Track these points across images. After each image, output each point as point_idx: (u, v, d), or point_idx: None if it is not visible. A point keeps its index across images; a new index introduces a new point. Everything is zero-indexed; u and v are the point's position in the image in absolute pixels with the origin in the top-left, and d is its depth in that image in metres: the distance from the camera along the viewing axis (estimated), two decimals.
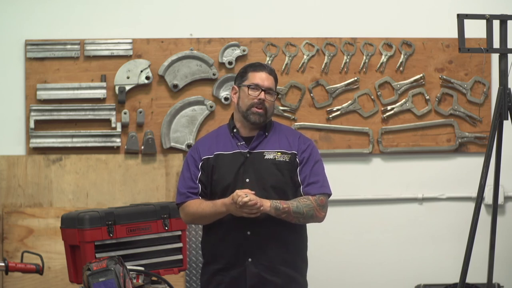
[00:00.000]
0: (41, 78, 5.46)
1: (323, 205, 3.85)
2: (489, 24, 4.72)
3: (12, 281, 5.23)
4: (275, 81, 3.91)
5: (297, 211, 3.76)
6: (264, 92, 3.84)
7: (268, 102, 3.85)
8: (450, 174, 5.67)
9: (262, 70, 3.88)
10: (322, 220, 3.87)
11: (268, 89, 3.86)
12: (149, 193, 5.43)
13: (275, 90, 3.91)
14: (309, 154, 3.88)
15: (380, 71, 5.61)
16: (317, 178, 3.85)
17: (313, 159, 3.88)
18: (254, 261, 3.82)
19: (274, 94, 3.89)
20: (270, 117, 3.91)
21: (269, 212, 3.73)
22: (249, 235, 3.81)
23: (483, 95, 5.64)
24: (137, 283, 3.86)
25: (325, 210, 3.86)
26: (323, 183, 3.87)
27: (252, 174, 3.83)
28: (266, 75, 3.87)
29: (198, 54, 5.52)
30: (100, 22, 5.52)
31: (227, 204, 3.75)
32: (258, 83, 3.85)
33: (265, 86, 3.85)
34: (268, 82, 3.86)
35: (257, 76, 3.87)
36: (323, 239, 5.48)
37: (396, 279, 5.63)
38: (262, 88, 3.85)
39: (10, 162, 5.41)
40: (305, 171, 3.85)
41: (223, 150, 3.89)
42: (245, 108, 3.86)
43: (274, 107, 3.95)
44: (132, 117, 5.49)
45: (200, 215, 3.84)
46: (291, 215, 3.76)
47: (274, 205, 3.73)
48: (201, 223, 3.95)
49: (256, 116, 3.85)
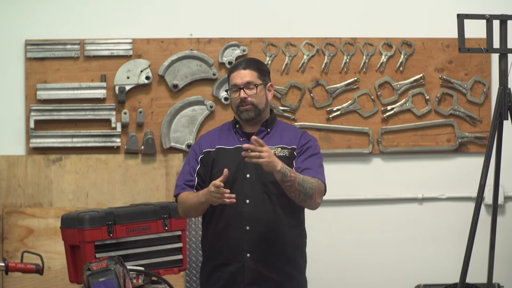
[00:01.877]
0: (41, 78, 5.46)
1: (322, 192, 3.83)
2: (489, 24, 4.72)
3: (12, 281, 5.23)
4: (256, 71, 3.88)
5: (301, 185, 3.72)
6: (243, 89, 3.84)
7: (251, 96, 3.84)
8: (450, 174, 5.67)
9: (237, 69, 3.89)
10: (316, 207, 3.84)
11: (247, 84, 3.84)
12: (149, 193, 5.43)
13: (260, 79, 3.87)
14: (307, 147, 3.88)
15: (380, 71, 5.61)
16: (311, 165, 3.84)
17: (310, 151, 3.88)
18: (252, 256, 3.82)
19: (256, 86, 3.86)
20: (264, 108, 3.89)
21: (277, 172, 3.66)
22: (248, 230, 3.81)
23: (483, 95, 5.64)
24: (137, 283, 3.86)
25: (321, 198, 3.84)
26: (317, 170, 3.84)
27: (252, 169, 3.83)
28: (242, 71, 3.87)
29: (198, 54, 5.52)
30: (100, 22, 5.52)
31: (205, 193, 3.74)
32: (235, 83, 3.86)
33: (242, 83, 3.85)
34: (244, 78, 3.85)
35: (234, 76, 3.88)
36: (323, 239, 5.49)
37: (396, 279, 5.63)
38: (240, 87, 3.85)
39: (10, 162, 5.41)
40: (300, 160, 3.85)
41: (225, 144, 3.91)
42: (235, 110, 3.90)
43: (267, 97, 3.92)
44: (132, 117, 5.49)
45: (187, 206, 3.86)
46: (294, 187, 3.71)
47: (283, 170, 3.67)
48: (192, 215, 3.93)
49: (245, 113, 3.85)
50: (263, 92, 3.89)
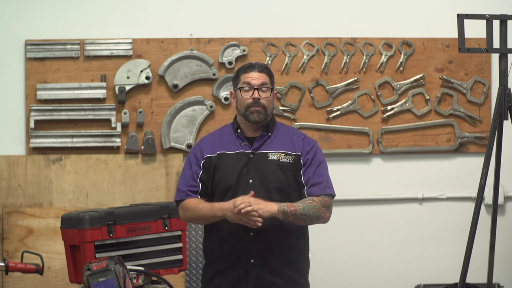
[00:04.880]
0: (41, 78, 5.46)
1: (328, 206, 3.83)
2: (489, 24, 4.72)
3: (12, 281, 5.23)
4: (268, 77, 3.87)
5: (304, 213, 3.74)
6: (258, 90, 3.83)
7: (264, 99, 3.83)
8: (450, 174, 5.67)
9: (252, 70, 3.86)
10: (327, 221, 3.85)
11: (261, 85, 3.84)
12: (149, 193, 5.43)
13: (271, 85, 3.87)
14: (313, 155, 3.86)
15: (380, 71, 5.62)
16: (320, 179, 3.83)
17: (317, 160, 3.86)
18: (257, 262, 3.81)
19: (269, 90, 3.86)
20: (270, 113, 3.89)
21: (277, 215, 3.69)
22: (252, 236, 3.80)
23: (483, 95, 5.64)
24: (137, 283, 3.86)
25: (330, 211, 3.84)
26: (326, 184, 3.85)
27: (255, 175, 3.81)
28: (257, 73, 3.85)
29: (198, 54, 5.52)
30: (100, 22, 5.52)
31: (224, 209, 3.72)
32: (250, 82, 3.84)
33: (257, 84, 3.83)
34: (259, 80, 3.84)
35: (248, 76, 3.85)
36: (323, 239, 5.47)
37: (396, 279, 5.63)
38: (254, 87, 3.83)
39: (10, 162, 5.41)
40: (309, 172, 3.84)
41: (226, 149, 3.87)
42: (243, 110, 3.85)
43: (274, 104, 3.92)
44: (132, 117, 5.49)
45: (197, 216, 3.83)
46: (298, 218, 3.74)
47: (281, 208, 3.70)
48: (198, 223, 3.94)
49: (255, 114, 3.83)
50: (272, 97, 3.89)
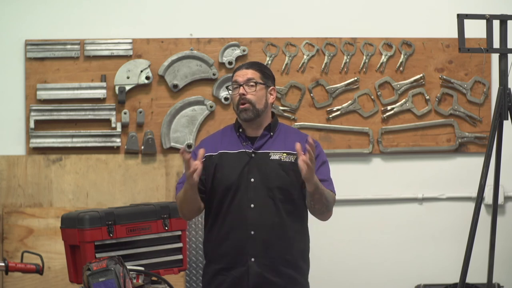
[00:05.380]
0: (41, 78, 5.46)
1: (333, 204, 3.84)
2: (489, 24, 4.72)
3: (12, 281, 5.23)
4: (258, 72, 3.83)
5: (327, 198, 3.73)
6: (243, 86, 3.80)
7: (250, 94, 3.79)
8: (450, 174, 5.67)
9: (241, 68, 3.85)
10: (328, 218, 3.85)
11: (247, 81, 3.80)
12: (149, 193, 5.43)
13: (261, 80, 3.82)
14: (316, 155, 3.86)
15: (380, 71, 5.62)
16: (324, 177, 3.82)
17: (320, 160, 3.84)
18: (257, 261, 3.80)
19: (257, 84, 3.81)
20: (263, 109, 3.82)
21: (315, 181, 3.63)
22: (253, 234, 3.80)
23: (483, 95, 5.64)
24: (137, 283, 3.86)
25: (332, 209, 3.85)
26: (330, 182, 3.85)
27: (257, 174, 3.80)
28: (244, 70, 3.83)
29: (198, 54, 5.52)
30: (100, 22, 5.52)
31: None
32: (236, 80, 3.83)
33: (243, 80, 3.80)
34: (246, 76, 3.81)
35: (236, 75, 3.84)
36: (323, 239, 5.47)
37: (396, 279, 5.63)
38: (239, 84, 3.81)
39: (10, 162, 5.41)
40: None
41: (228, 148, 3.85)
42: (236, 109, 3.84)
43: (269, 100, 3.86)
44: (132, 117, 5.49)
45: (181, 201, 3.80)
46: (321, 200, 3.71)
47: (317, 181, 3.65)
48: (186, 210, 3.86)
49: (243, 112, 3.79)
50: (263, 92, 3.83)
